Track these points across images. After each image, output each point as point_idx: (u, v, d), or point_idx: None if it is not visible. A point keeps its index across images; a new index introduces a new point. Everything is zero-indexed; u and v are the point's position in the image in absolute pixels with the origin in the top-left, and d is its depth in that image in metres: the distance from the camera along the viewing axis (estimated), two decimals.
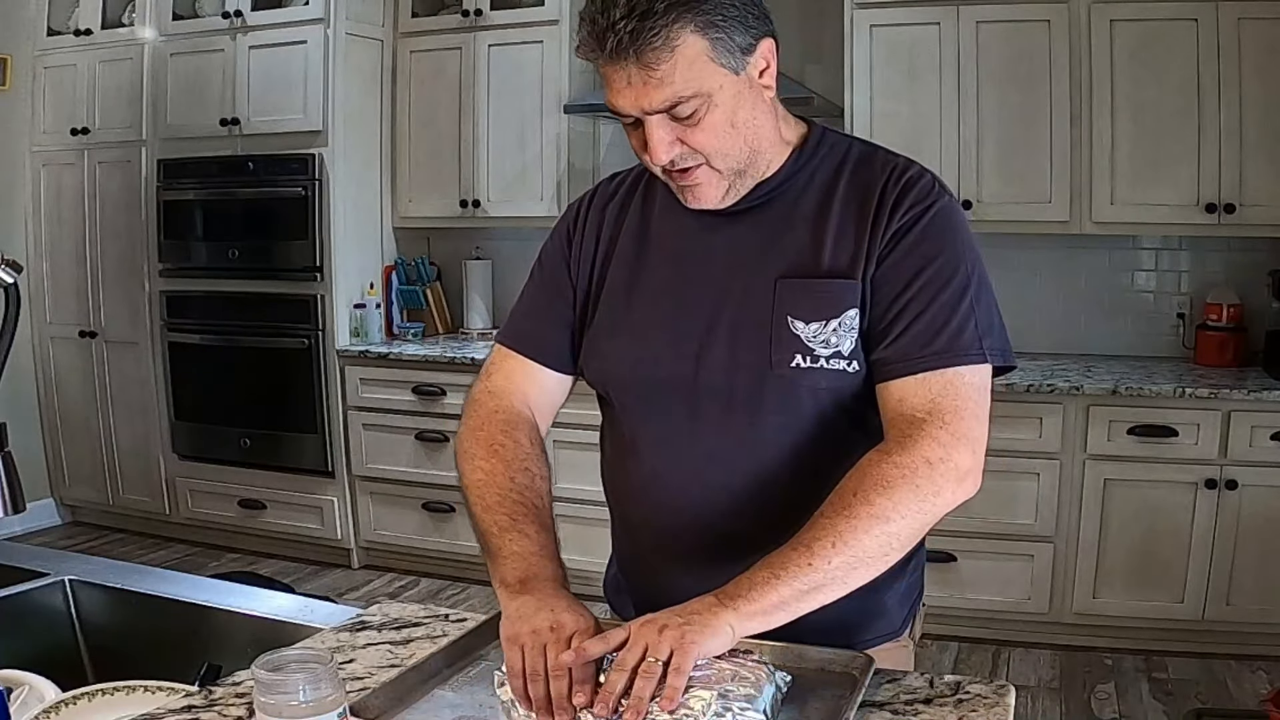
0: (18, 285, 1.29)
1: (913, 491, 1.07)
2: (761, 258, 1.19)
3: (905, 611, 1.33)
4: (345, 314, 4.22)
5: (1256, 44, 3.29)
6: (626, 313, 1.26)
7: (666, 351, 1.22)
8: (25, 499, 1.32)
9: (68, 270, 4.66)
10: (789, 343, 1.16)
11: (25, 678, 1.25)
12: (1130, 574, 3.32)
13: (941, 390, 1.11)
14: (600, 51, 1.07)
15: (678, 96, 1.08)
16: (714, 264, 1.22)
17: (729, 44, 1.09)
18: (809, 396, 1.17)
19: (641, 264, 1.27)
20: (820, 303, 1.16)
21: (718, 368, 1.19)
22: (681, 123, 1.10)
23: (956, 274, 1.14)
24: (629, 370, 1.25)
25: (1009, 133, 3.54)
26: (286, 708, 0.87)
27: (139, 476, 4.64)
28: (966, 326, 1.13)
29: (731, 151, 1.14)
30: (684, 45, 1.06)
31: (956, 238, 1.16)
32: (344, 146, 4.12)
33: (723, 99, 1.10)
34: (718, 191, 1.17)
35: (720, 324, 1.20)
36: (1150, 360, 3.71)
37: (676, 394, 1.22)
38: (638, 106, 1.09)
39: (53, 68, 4.57)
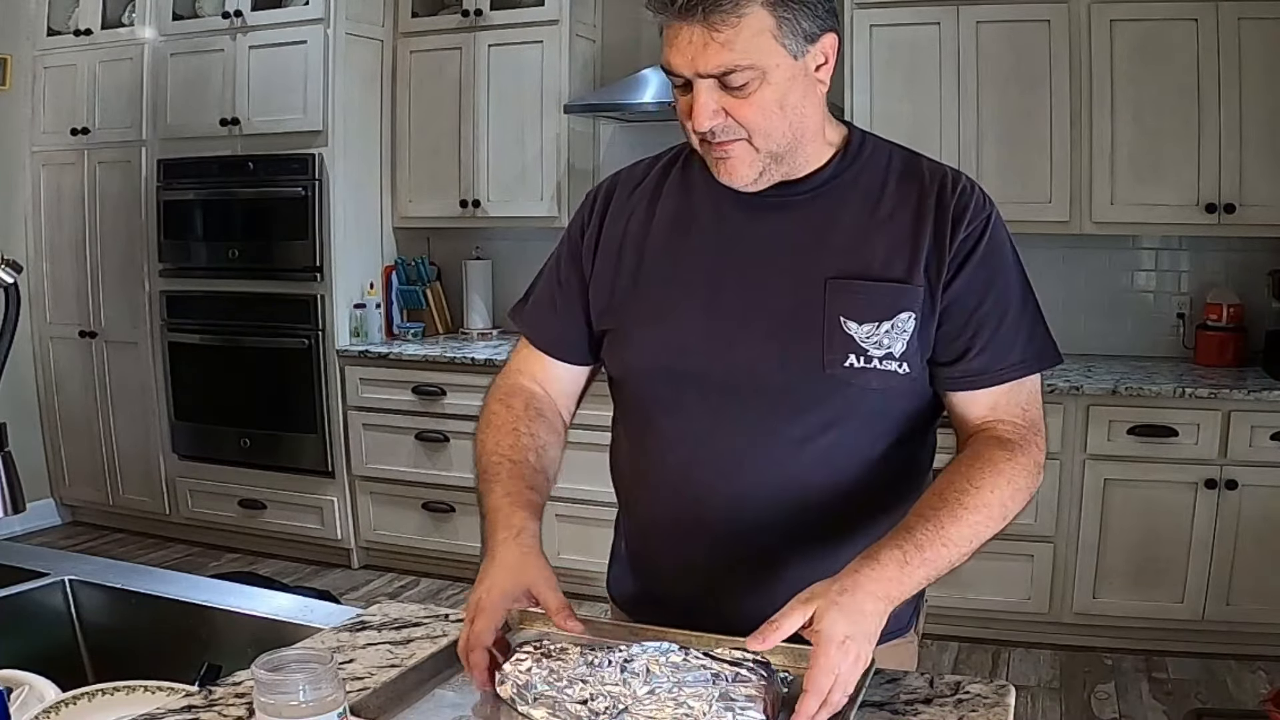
0: (18, 285, 1.29)
1: (1024, 496, 1.16)
2: (807, 255, 1.19)
3: (910, 609, 1.33)
4: (345, 314, 4.22)
5: (1256, 44, 3.29)
6: (660, 300, 1.24)
7: (701, 343, 1.21)
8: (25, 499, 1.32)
9: (68, 270, 4.66)
10: (843, 343, 1.17)
11: (25, 678, 1.25)
12: (1130, 574, 3.32)
13: (1028, 398, 1.21)
14: (670, 6, 1.08)
15: (734, 64, 1.08)
16: (755, 256, 1.21)
17: (795, 27, 1.10)
18: (858, 396, 1.18)
19: (679, 251, 1.25)
20: (873, 305, 1.17)
21: (760, 365, 1.19)
22: (731, 93, 1.11)
23: (1018, 284, 1.22)
24: (659, 359, 1.24)
25: (1009, 133, 3.54)
26: (286, 708, 0.87)
27: (139, 476, 4.64)
28: (1037, 332, 1.22)
29: (774, 133, 1.14)
30: (751, 16, 1.07)
31: (1010, 248, 1.24)
32: (344, 146, 4.12)
33: (777, 78, 1.11)
34: (751, 171, 1.16)
35: (760, 318, 1.19)
36: (1150, 360, 3.71)
37: (711, 390, 1.21)
38: (693, 67, 1.10)
39: (53, 68, 4.57)
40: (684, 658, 1.04)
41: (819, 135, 1.20)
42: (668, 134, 4.43)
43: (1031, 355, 1.21)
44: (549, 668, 1.05)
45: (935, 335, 1.19)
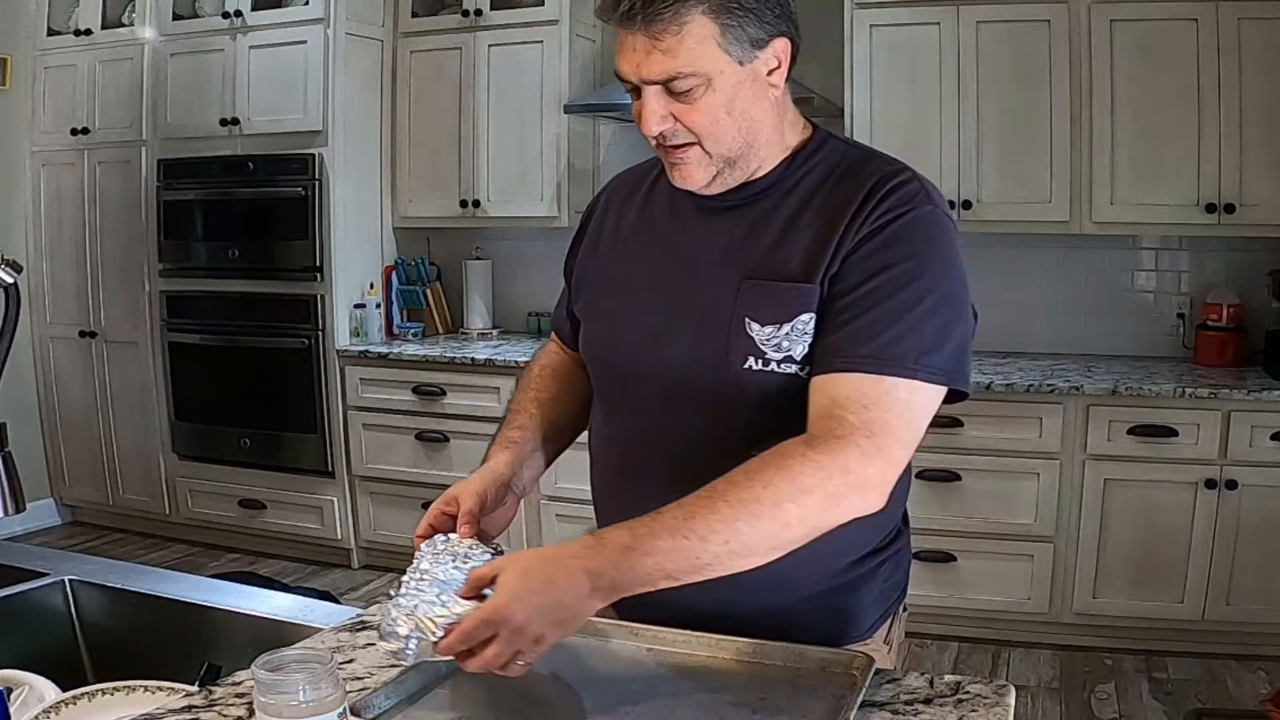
0: (18, 285, 1.29)
1: (821, 498, 1.04)
2: (734, 257, 1.20)
3: (876, 615, 1.31)
4: (345, 314, 4.22)
5: (1256, 44, 3.29)
6: (609, 299, 1.30)
7: (636, 339, 1.25)
8: (25, 499, 1.33)
9: (68, 270, 4.66)
10: (744, 345, 1.16)
11: (25, 678, 1.25)
12: (1130, 574, 3.32)
13: (876, 399, 1.07)
14: (613, 13, 1.10)
15: (676, 71, 1.10)
16: (694, 257, 1.23)
17: (739, 34, 1.10)
18: (759, 398, 1.16)
19: (637, 250, 1.30)
20: (776, 306, 1.15)
21: (677, 360, 1.21)
22: (677, 98, 1.12)
23: (915, 282, 1.11)
24: (603, 354, 1.30)
25: (1009, 133, 3.54)
26: (286, 708, 0.87)
27: (139, 476, 4.64)
28: (907, 337, 1.09)
29: (724, 137, 1.15)
30: (693, 24, 1.08)
31: (930, 247, 1.13)
32: (344, 146, 4.12)
33: (722, 84, 1.11)
34: (704, 174, 1.18)
35: (686, 317, 1.21)
36: (1150, 360, 3.71)
37: (642, 382, 1.24)
38: (638, 74, 1.12)
39: (53, 68, 4.57)
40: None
41: (774, 139, 1.20)
42: None
43: (892, 357, 1.08)
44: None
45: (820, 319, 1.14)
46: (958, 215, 3.56)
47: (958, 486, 3.40)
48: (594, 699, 1.07)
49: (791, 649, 1.15)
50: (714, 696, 1.07)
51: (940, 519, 3.42)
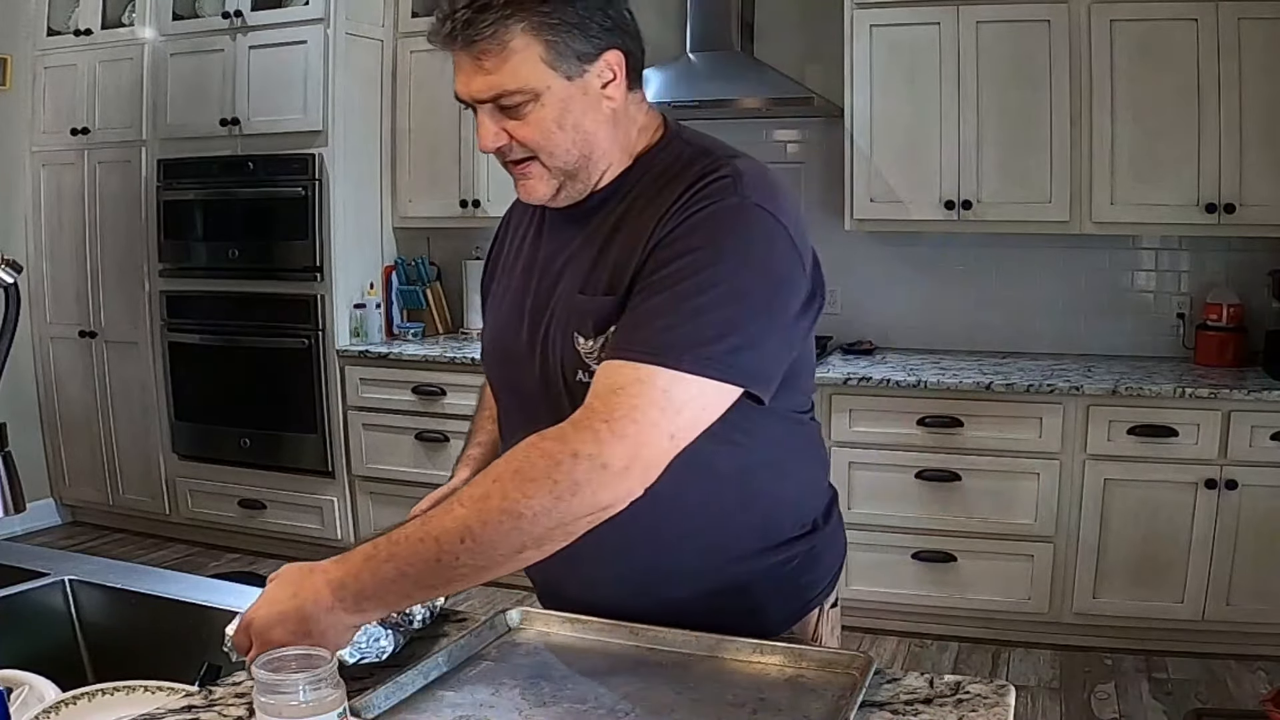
0: (18, 285, 1.29)
1: (550, 487, 0.99)
2: (570, 270, 1.21)
3: (785, 614, 1.30)
4: (345, 314, 4.22)
5: (1256, 44, 3.29)
6: (493, 311, 1.35)
7: (510, 352, 1.27)
8: (25, 499, 1.33)
9: (68, 270, 4.66)
10: (574, 359, 1.17)
11: (25, 678, 1.25)
12: (1130, 574, 3.32)
13: (626, 384, 1.04)
14: (436, 36, 1.11)
15: (502, 89, 1.10)
16: (545, 272, 1.24)
17: (564, 49, 1.10)
18: None
19: (512, 267, 1.32)
20: (597, 319, 1.14)
21: (535, 375, 1.22)
22: (508, 115, 1.13)
23: (702, 272, 1.06)
24: (490, 368, 1.34)
25: (1009, 133, 3.54)
26: (286, 708, 0.87)
27: (139, 476, 4.64)
28: (680, 326, 1.05)
29: (558, 151, 1.14)
30: (515, 42, 1.08)
31: (727, 239, 1.08)
32: (344, 146, 4.12)
33: (550, 100, 1.11)
34: (547, 188, 1.18)
35: (531, 333, 1.23)
36: (1150, 360, 3.71)
37: (518, 393, 1.27)
38: (467, 94, 1.13)
39: (53, 68, 4.57)
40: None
41: (615, 150, 1.18)
42: None
43: (659, 346, 1.04)
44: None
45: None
46: (957, 215, 3.59)
47: (958, 486, 3.40)
48: (594, 699, 1.07)
49: (792, 649, 1.15)
50: (714, 696, 1.07)
51: (940, 519, 3.42)
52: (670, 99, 3.76)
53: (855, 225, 3.73)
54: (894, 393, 3.43)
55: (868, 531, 3.48)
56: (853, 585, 3.52)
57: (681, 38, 3.93)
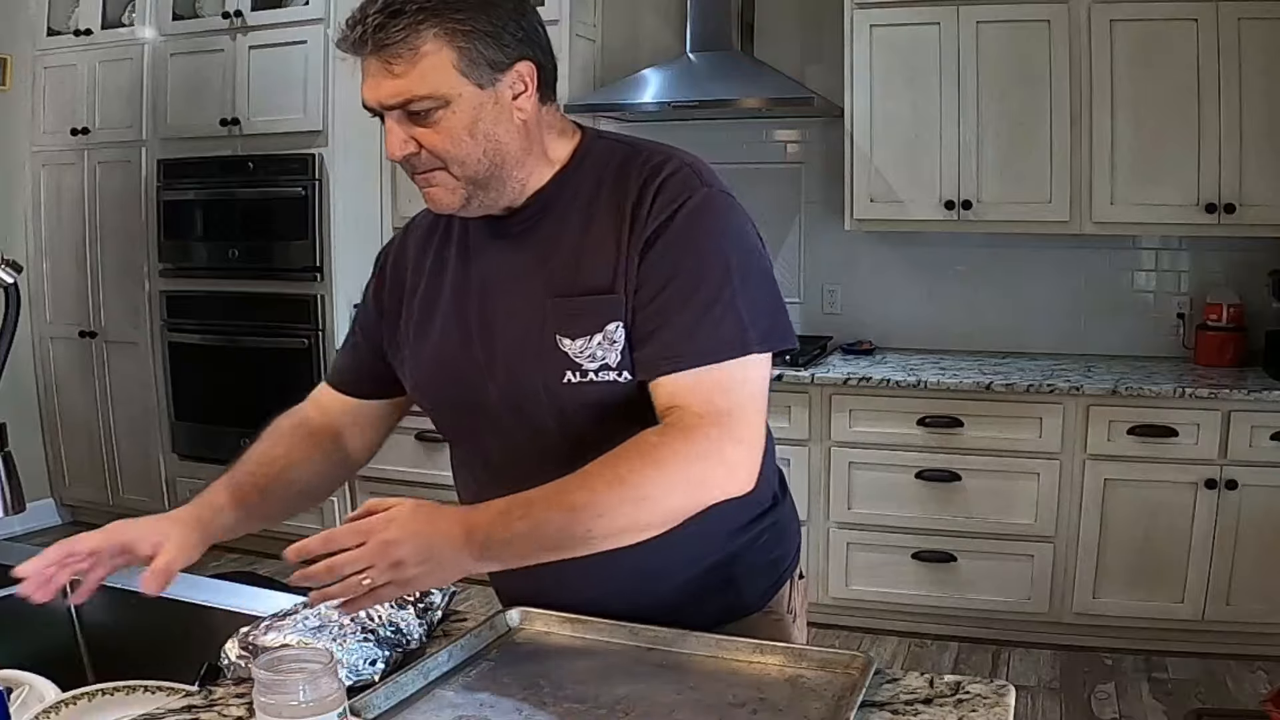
0: (18, 285, 1.29)
1: (684, 481, 1.09)
2: (532, 278, 1.21)
3: (766, 585, 1.35)
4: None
5: (1256, 44, 3.29)
6: (428, 337, 1.29)
7: (460, 374, 1.25)
8: (25, 499, 1.33)
9: (68, 270, 4.65)
10: (559, 361, 1.17)
11: (25, 678, 1.25)
12: (1130, 574, 3.32)
13: (713, 388, 1.12)
14: (345, 42, 1.11)
15: (411, 94, 1.10)
16: (491, 286, 1.24)
17: (476, 56, 1.11)
18: (586, 410, 1.18)
19: (440, 288, 1.29)
20: (584, 319, 1.16)
21: (503, 387, 1.22)
22: (416, 121, 1.12)
23: (713, 268, 1.14)
24: (435, 393, 1.30)
25: (1009, 133, 3.54)
26: (286, 708, 0.87)
27: (139, 476, 4.64)
28: (725, 320, 1.13)
29: (468, 160, 1.14)
30: (426, 47, 1.08)
31: (715, 229, 1.16)
32: (344, 146, 4.12)
33: (461, 107, 1.11)
34: (454, 198, 1.18)
35: (502, 344, 1.22)
36: (1150, 360, 3.71)
37: (477, 414, 1.25)
38: (375, 100, 1.12)
39: (53, 68, 4.57)
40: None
41: (527, 160, 1.19)
42: (667, 134, 4.46)
43: (717, 346, 1.13)
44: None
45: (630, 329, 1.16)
46: (957, 215, 3.59)
47: (958, 486, 3.40)
48: (594, 699, 1.07)
49: (792, 649, 1.15)
50: (714, 696, 1.07)
51: (940, 519, 3.42)
52: (670, 99, 3.76)
53: (855, 225, 3.73)
54: (894, 393, 3.43)
55: (868, 531, 3.48)
56: (853, 585, 3.52)
57: (681, 38, 3.93)
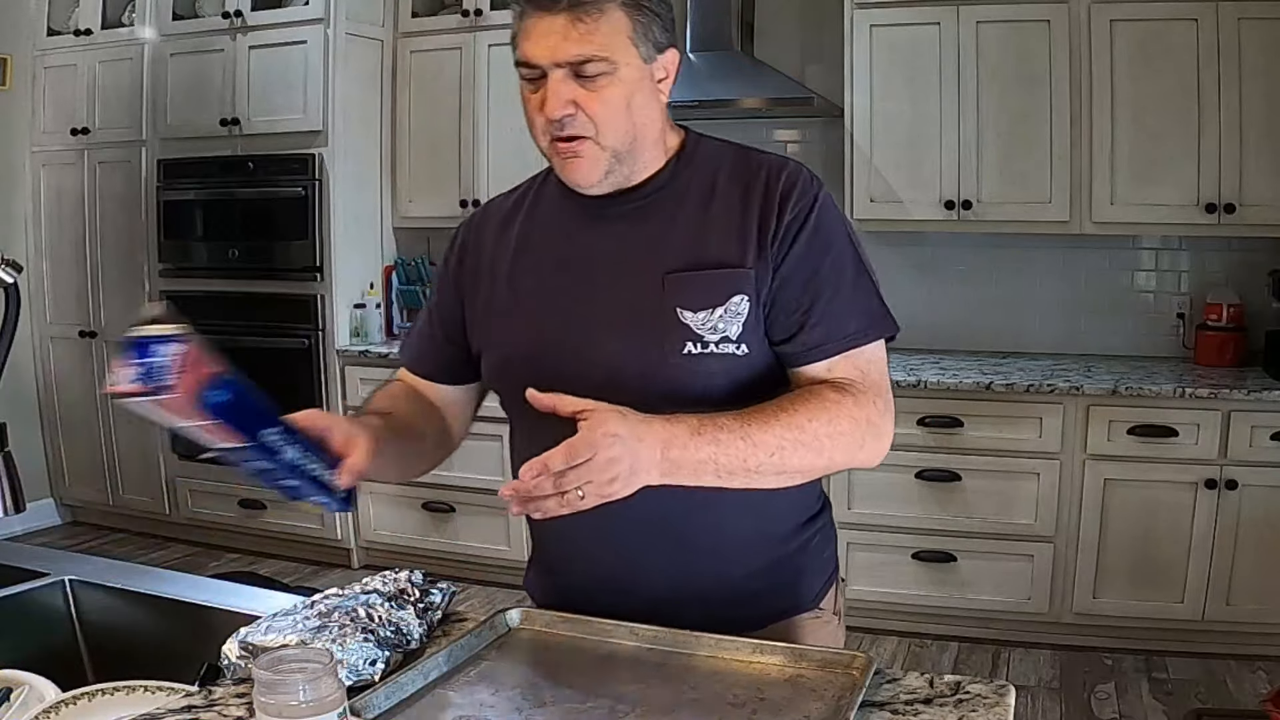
0: (18, 285, 1.29)
1: (851, 437, 1.18)
2: (647, 256, 1.25)
3: (819, 584, 1.37)
4: (345, 314, 4.22)
5: (1256, 44, 3.29)
6: (518, 315, 1.31)
7: (564, 345, 1.27)
8: (25, 499, 1.33)
9: (68, 270, 4.66)
10: (679, 331, 1.21)
11: (25, 678, 1.25)
12: (1130, 574, 3.32)
13: (866, 364, 1.24)
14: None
15: (592, 54, 1.16)
16: (600, 263, 1.27)
17: (648, 32, 1.19)
18: (702, 380, 1.22)
19: (533, 266, 1.32)
20: (706, 292, 1.22)
21: (615, 360, 1.23)
22: (583, 83, 1.17)
23: (850, 259, 1.26)
24: (527, 365, 1.30)
25: (1009, 133, 3.54)
26: (286, 708, 0.87)
27: (139, 476, 4.64)
28: (870, 305, 1.26)
29: (619, 130, 1.20)
30: (611, 12, 1.16)
31: (841, 225, 1.27)
32: (344, 146, 4.12)
33: (626, 75, 1.18)
34: (596, 170, 1.22)
35: (614, 318, 1.25)
36: (1150, 360, 3.71)
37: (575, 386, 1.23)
38: (552, 57, 1.17)
39: (53, 68, 4.57)
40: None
41: (659, 141, 1.27)
42: None
43: (866, 325, 1.24)
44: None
45: (771, 313, 1.23)
46: (957, 215, 3.60)
47: (958, 486, 3.40)
48: (594, 699, 1.07)
49: (792, 649, 1.15)
50: (714, 696, 1.07)
51: (940, 519, 3.42)
52: (670, 99, 3.75)
53: (855, 225, 3.71)
54: (894, 392, 3.42)
55: (868, 531, 3.48)
56: (853, 585, 3.51)
57: (681, 38, 3.93)
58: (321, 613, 1.19)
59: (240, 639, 1.15)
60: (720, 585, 1.28)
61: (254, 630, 1.16)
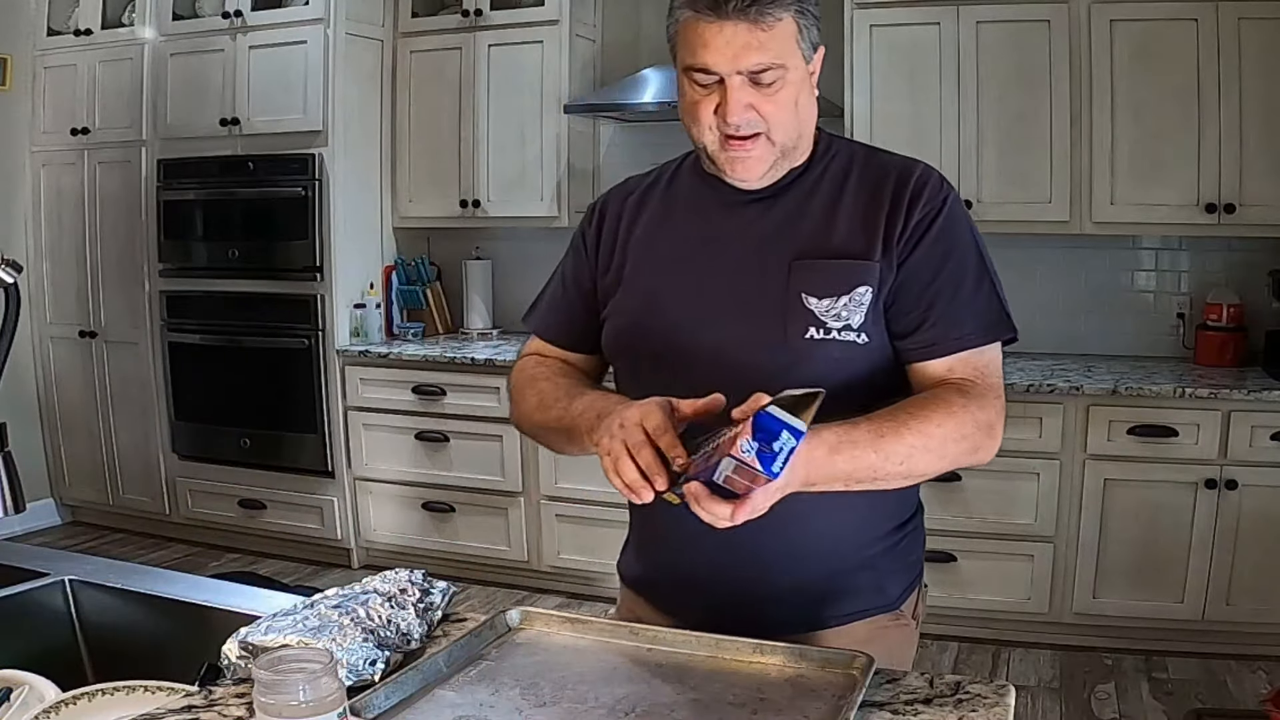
0: (18, 285, 1.29)
1: (970, 445, 1.22)
2: (776, 242, 1.29)
3: (903, 587, 1.39)
4: (345, 314, 4.22)
5: (1256, 44, 3.29)
6: (647, 290, 1.35)
7: (686, 325, 1.30)
8: (25, 499, 1.32)
9: (68, 270, 4.66)
10: (803, 316, 1.25)
11: (25, 678, 1.25)
12: (1130, 574, 3.32)
13: (985, 366, 1.28)
14: (724, 6, 1.18)
15: (770, 62, 1.21)
16: (731, 246, 1.31)
17: (809, 36, 1.25)
18: (820, 366, 1.25)
19: (663, 247, 1.36)
20: (832, 280, 1.26)
21: (735, 341, 1.27)
22: (759, 89, 1.22)
23: (974, 261, 1.30)
24: (650, 341, 1.33)
25: (1009, 133, 3.54)
26: (286, 708, 0.87)
27: (139, 476, 4.64)
28: (991, 306, 1.29)
29: (789, 129, 1.26)
30: (785, 21, 1.21)
31: (968, 228, 1.31)
32: (344, 146, 4.12)
33: (794, 79, 1.24)
34: (763, 166, 1.27)
35: (737, 301, 1.29)
36: (1150, 360, 3.71)
37: (695, 365, 1.29)
38: (733, 64, 1.20)
39: (53, 68, 4.57)
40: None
41: (811, 135, 1.32)
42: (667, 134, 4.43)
43: (985, 327, 1.28)
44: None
45: (893, 308, 1.27)
46: None
47: (958, 486, 3.40)
48: (594, 699, 1.07)
49: (792, 649, 1.15)
50: (714, 696, 1.07)
51: (940, 519, 3.42)
52: (670, 99, 3.76)
53: None
54: None
55: None
56: None
57: None
58: (321, 613, 1.19)
59: (240, 639, 1.15)
60: (809, 582, 1.31)
61: (254, 630, 1.16)
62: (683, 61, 1.24)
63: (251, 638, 1.14)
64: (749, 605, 1.29)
